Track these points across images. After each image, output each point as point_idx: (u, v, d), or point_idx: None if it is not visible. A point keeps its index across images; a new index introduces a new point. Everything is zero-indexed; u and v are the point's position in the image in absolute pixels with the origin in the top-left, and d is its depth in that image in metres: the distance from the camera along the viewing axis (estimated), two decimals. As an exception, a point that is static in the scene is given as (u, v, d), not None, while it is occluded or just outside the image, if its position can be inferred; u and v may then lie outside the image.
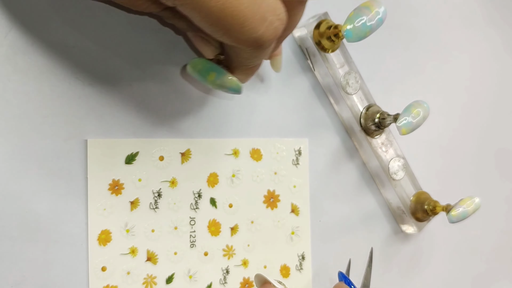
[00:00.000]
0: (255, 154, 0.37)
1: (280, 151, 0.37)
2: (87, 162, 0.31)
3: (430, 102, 0.37)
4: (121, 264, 0.32)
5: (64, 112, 0.30)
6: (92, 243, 0.31)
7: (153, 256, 0.33)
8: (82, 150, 0.30)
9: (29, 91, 0.29)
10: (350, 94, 0.39)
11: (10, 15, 0.28)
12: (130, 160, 0.32)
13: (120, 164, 0.32)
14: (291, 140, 0.38)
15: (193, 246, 0.34)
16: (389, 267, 0.43)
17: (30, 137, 0.29)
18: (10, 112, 0.28)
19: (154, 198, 0.33)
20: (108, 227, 0.31)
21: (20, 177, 0.29)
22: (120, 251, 0.32)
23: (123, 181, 0.32)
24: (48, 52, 0.29)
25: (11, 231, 0.29)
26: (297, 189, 0.38)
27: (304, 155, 0.38)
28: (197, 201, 0.34)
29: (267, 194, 0.37)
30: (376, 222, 0.42)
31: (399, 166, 0.41)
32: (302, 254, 0.38)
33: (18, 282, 0.29)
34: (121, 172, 0.32)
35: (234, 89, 0.31)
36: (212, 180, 0.35)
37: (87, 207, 0.31)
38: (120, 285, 0.32)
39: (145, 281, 0.32)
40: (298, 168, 0.38)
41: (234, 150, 0.36)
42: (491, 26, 0.49)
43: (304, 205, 0.38)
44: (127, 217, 0.32)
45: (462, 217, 0.38)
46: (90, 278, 0.31)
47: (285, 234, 0.37)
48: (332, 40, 0.36)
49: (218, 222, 0.35)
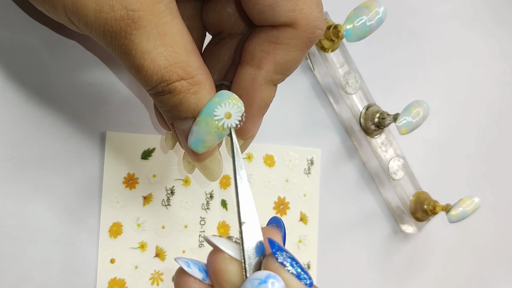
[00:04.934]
0: (268, 160, 0.37)
1: (292, 159, 0.37)
2: (104, 154, 0.31)
3: (430, 102, 0.37)
4: (130, 258, 0.32)
5: (81, 107, 0.30)
6: (103, 234, 0.31)
7: (161, 252, 0.33)
8: (99, 142, 0.31)
9: (29, 91, 0.29)
10: (350, 94, 0.39)
11: (10, 15, 0.28)
12: (146, 155, 0.32)
13: (137, 159, 0.32)
14: (304, 150, 0.38)
15: (202, 246, 0.34)
16: (389, 266, 0.43)
17: (30, 137, 0.29)
18: (10, 112, 0.28)
19: (167, 195, 0.33)
20: (120, 220, 0.32)
21: (20, 176, 0.29)
22: (130, 244, 0.32)
23: (138, 176, 0.32)
24: (49, 51, 0.29)
25: (11, 231, 0.29)
26: (307, 198, 0.38)
27: (316, 164, 0.38)
28: (208, 201, 0.34)
29: (278, 200, 0.37)
30: (376, 222, 0.42)
31: (398, 166, 0.41)
32: (308, 264, 0.38)
33: (18, 282, 0.29)
34: (136, 166, 0.32)
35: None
36: (224, 182, 0.35)
37: (101, 198, 0.31)
38: (127, 278, 0.32)
39: (152, 277, 0.33)
40: (309, 177, 0.38)
41: (248, 154, 0.36)
42: (491, 26, 0.49)
43: (313, 215, 0.38)
44: (139, 212, 0.32)
45: (462, 217, 0.38)
46: (99, 269, 0.31)
47: (292, 242, 0.37)
48: (332, 40, 0.36)
49: (227, 224, 0.35)
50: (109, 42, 0.21)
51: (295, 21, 0.23)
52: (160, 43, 0.21)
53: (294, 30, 0.23)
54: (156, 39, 0.21)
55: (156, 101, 0.23)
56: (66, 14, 0.21)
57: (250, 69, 0.24)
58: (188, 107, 0.22)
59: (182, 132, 0.23)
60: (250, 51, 0.24)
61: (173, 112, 0.23)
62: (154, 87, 0.22)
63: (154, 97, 0.23)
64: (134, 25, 0.20)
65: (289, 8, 0.22)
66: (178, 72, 0.22)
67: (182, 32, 0.22)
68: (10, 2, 0.28)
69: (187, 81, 0.22)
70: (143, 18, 0.20)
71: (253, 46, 0.24)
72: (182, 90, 0.22)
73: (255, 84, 0.24)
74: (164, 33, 0.21)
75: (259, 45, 0.24)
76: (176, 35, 0.21)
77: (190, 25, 0.27)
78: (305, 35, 0.23)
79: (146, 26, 0.20)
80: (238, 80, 0.25)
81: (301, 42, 0.23)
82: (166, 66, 0.21)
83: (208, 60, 0.27)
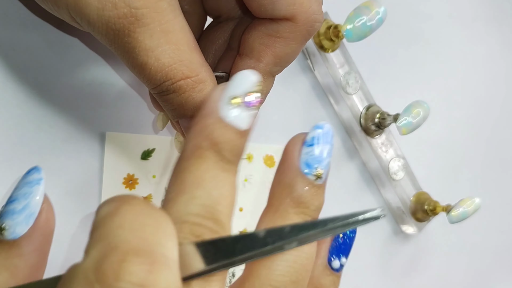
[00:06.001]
0: (268, 160, 0.37)
1: None
2: (104, 154, 0.31)
3: (430, 102, 0.37)
4: None
5: (81, 107, 0.30)
6: None
7: None
8: (99, 143, 0.31)
9: (29, 91, 0.29)
10: (350, 94, 0.39)
11: (10, 14, 0.28)
12: (146, 156, 0.32)
13: (136, 159, 0.32)
14: None
15: None
16: (389, 267, 0.43)
17: (30, 137, 0.29)
18: (10, 112, 0.28)
19: None
20: None
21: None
22: None
23: (137, 176, 0.32)
24: (49, 51, 0.29)
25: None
26: None
27: None
28: None
29: None
30: (376, 222, 0.42)
31: (399, 166, 0.41)
32: None
33: (17, 282, 0.29)
34: (136, 167, 0.32)
35: None
36: None
37: (100, 199, 0.31)
38: None
39: None
40: None
41: (248, 155, 0.36)
42: (492, 26, 0.49)
43: None
44: None
45: (462, 218, 0.38)
46: None
47: None
48: (332, 40, 0.36)
49: None
50: (112, 41, 0.21)
51: (295, 15, 0.23)
52: (164, 41, 0.21)
53: (293, 24, 0.23)
54: (160, 37, 0.21)
55: (160, 100, 0.23)
56: (69, 12, 0.21)
57: (249, 61, 0.24)
58: (193, 106, 0.22)
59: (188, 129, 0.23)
60: (249, 44, 0.24)
61: (179, 111, 0.23)
62: (159, 86, 0.22)
63: (159, 97, 0.23)
64: (138, 23, 0.20)
65: (289, 2, 0.22)
66: (183, 70, 0.21)
67: (185, 29, 0.22)
68: (10, 1, 0.28)
69: (192, 79, 0.22)
70: (146, 15, 0.20)
71: (252, 39, 0.24)
72: (188, 89, 0.22)
73: None
74: (168, 30, 0.21)
75: (258, 38, 0.24)
76: (180, 33, 0.21)
77: (192, 9, 0.27)
78: (304, 29, 0.23)
79: (150, 23, 0.20)
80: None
81: (300, 35, 0.23)
82: (171, 64, 0.21)
83: (203, 42, 0.27)
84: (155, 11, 0.20)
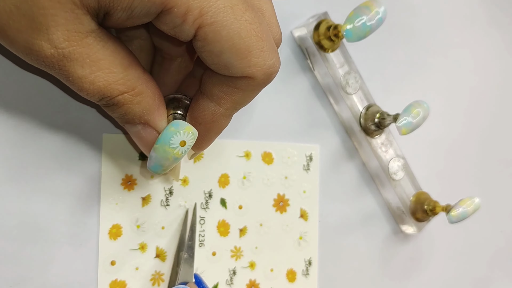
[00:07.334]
0: (267, 157, 0.37)
1: (291, 156, 0.37)
2: (102, 156, 0.31)
3: (430, 102, 0.37)
4: (130, 260, 0.32)
5: (79, 109, 0.30)
6: (102, 236, 0.31)
7: (162, 253, 0.33)
8: (98, 143, 0.31)
9: (29, 91, 0.29)
10: (350, 94, 0.39)
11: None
12: (144, 156, 0.32)
13: (134, 160, 0.32)
14: (303, 146, 0.38)
15: (202, 245, 0.34)
16: (389, 267, 0.43)
17: (29, 137, 0.29)
18: (10, 112, 0.28)
19: (166, 196, 0.33)
20: (119, 222, 0.32)
21: (20, 177, 0.29)
22: (130, 246, 0.32)
23: (136, 177, 0.32)
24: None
25: (11, 231, 0.29)
26: (307, 195, 0.38)
27: (315, 161, 0.38)
28: (207, 200, 0.34)
29: (277, 197, 0.37)
30: (376, 222, 0.42)
31: (399, 166, 0.41)
32: (309, 260, 0.38)
33: (17, 283, 0.29)
34: (134, 168, 0.32)
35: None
36: (223, 181, 0.35)
37: (100, 199, 0.31)
38: (128, 280, 0.32)
39: (152, 278, 0.33)
40: (309, 173, 0.38)
41: (246, 152, 0.36)
42: (492, 25, 0.49)
43: (313, 211, 0.38)
44: (138, 213, 0.32)
45: (462, 218, 0.38)
46: (99, 272, 0.31)
47: (293, 238, 0.37)
48: (332, 40, 0.36)
49: (227, 223, 0.35)
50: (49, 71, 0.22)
51: (252, 75, 0.23)
52: (96, 68, 0.22)
53: (251, 80, 0.23)
54: (91, 65, 0.21)
55: (105, 110, 0.24)
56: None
57: (210, 104, 0.25)
58: (134, 116, 0.24)
59: (134, 133, 0.25)
60: (210, 89, 0.25)
61: (122, 119, 0.24)
62: (99, 101, 0.23)
63: (102, 107, 0.24)
64: (66, 59, 0.21)
65: (244, 65, 0.23)
66: (119, 88, 0.22)
67: (117, 50, 0.22)
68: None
69: (129, 94, 0.23)
70: (73, 52, 0.21)
71: (212, 84, 0.25)
72: (126, 102, 0.23)
73: (215, 118, 0.25)
74: (98, 59, 0.21)
75: (218, 86, 0.24)
76: (111, 56, 0.22)
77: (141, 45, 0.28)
78: (262, 81, 0.24)
79: (78, 58, 0.21)
80: (199, 111, 0.25)
81: (258, 87, 0.24)
82: (106, 86, 0.22)
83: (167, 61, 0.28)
84: (81, 47, 0.21)
